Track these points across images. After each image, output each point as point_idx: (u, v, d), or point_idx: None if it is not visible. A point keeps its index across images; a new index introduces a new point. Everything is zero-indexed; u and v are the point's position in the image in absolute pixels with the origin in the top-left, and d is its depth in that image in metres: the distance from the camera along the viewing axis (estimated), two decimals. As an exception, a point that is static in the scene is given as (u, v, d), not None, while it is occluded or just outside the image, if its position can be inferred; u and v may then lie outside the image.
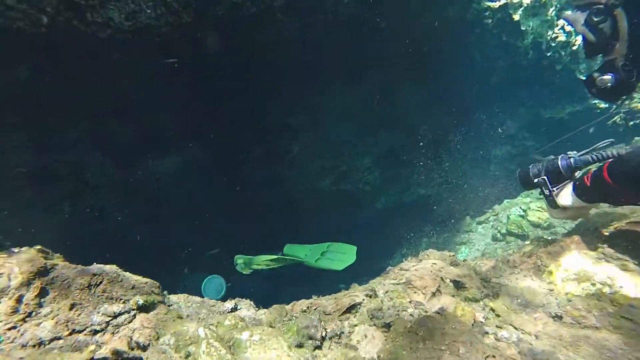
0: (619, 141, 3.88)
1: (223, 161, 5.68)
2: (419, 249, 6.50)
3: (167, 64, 3.88)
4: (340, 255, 5.41)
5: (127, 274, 1.34)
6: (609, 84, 1.42)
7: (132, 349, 1.09)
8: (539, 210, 5.15)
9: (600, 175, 1.22)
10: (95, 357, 0.92)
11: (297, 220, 6.47)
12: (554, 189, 1.45)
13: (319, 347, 1.19)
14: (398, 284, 1.39)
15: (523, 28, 5.20)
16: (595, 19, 1.37)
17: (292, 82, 5.24)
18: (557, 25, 5.15)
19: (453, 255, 1.57)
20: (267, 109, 5.41)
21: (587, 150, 1.44)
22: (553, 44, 5.21)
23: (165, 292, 1.47)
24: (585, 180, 1.32)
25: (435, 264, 1.41)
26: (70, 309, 1.11)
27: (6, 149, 4.11)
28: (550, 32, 5.13)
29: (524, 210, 5.28)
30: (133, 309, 1.20)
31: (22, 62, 3.63)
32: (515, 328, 1.21)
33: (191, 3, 2.60)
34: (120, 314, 1.16)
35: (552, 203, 1.47)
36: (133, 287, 1.26)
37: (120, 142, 4.69)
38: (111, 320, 1.14)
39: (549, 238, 4.09)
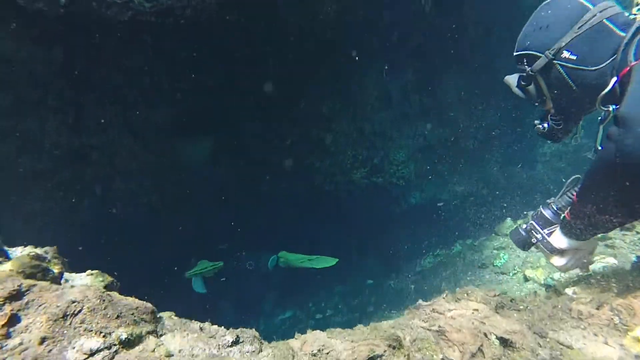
0: None
1: (253, 148, 5.56)
2: (453, 249, 6.14)
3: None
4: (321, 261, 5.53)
5: (117, 297, 1.19)
6: (544, 131, 1.70)
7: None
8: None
9: (574, 205, 1.31)
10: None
11: (325, 213, 6.28)
12: (546, 231, 1.53)
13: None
14: (429, 330, 1.14)
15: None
16: (523, 83, 1.65)
17: (327, 67, 4.97)
18: (636, 4, 4.47)
19: (499, 295, 1.30)
20: (300, 95, 5.19)
21: (561, 192, 1.57)
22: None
23: (160, 315, 1.31)
24: (567, 216, 1.40)
25: (476, 310, 1.15)
26: (41, 343, 0.96)
27: (44, 131, 4.18)
28: (626, 14, 4.47)
29: (576, 218, 4.76)
30: (114, 344, 1.04)
31: (56, 44, 3.62)
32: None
33: (216, -17, 2.40)
34: (98, 350, 1.00)
35: (547, 246, 1.52)
36: (118, 317, 1.10)
37: (150, 127, 4.66)
38: (87, 358, 0.98)
39: (609, 260, 3.63)
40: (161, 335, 1.19)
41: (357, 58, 4.74)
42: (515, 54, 1.67)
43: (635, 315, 1.07)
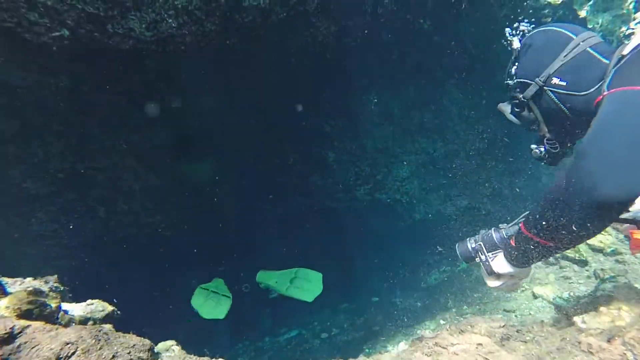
0: None
1: (255, 168, 5.57)
2: (459, 265, 6.05)
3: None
4: (308, 284, 5.53)
5: (113, 336, 1.16)
6: (541, 155, 1.74)
7: None
8: (602, 232, 4.56)
9: (520, 232, 1.35)
10: None
11: (329, 231, 6.25)
12: (490, 254, 1.57)
13: None
14: (433, 366, 1.11)
15: (590, 26, 4.61)
16: (517, 109, 1.73)
17: (329, 86, 5.01)
18: (634, 19, 4.51)
19: (504, 326, 1.25)
20: (302, 114, 5.22)
21: (515, 221, 1.59)
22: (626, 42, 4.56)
23: (158, 352, 1.29)
24: (512, 242, 1.45)
25: (480, 344, 1.11)
26: (33, 389, 0.94)
27: (48, 155, 4.23)
28: (623, 28, 4.51)
29: (583, 232, 4.68)
30: (109, 387, 1.01)
31: (61, 72, 3.69)
32: None
33: (215, 11, 2.43)
34: (92, 394, 0.98)
35: (488, 268, 1.56)
36: (114, 357, 1.08)
37: (153, 149, 4.69)
38: (80, 404, 0.95)
39: (619, 279, 3.55)
40: (158, 375, 1.16)
41: (357, 77, 4.79)
42: (506, 82, 1.75)
43: (649, 350, 1.03)
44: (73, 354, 1.02)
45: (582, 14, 4.55)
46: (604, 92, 1.21)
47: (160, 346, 2.07)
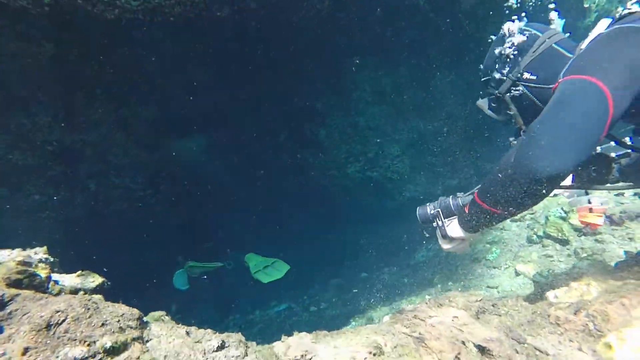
0: None
1: (247, 144, 5.55)
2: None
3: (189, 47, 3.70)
4: (273, 272, 5.63)
5: (102, 304, 1.20)
6: None
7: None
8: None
9: (474, 200, 1.49)
10: None
11: (320, 208, 6.31)
12: (446, 220, 1.72)
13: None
14: (410, 336, 1.16)
15: (586, 5, 4.57)
16: (494, 104, 1.82)
17: (321, 63, 4.94)
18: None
19: (481, 300, 1.32)
20: (294, 91, 5.16)
21: (471, 191, 1.70)
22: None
23: (147, 320, 1.33)
24: (466, 210, 1.60)
25: (457, 317, 1.17)
26: (24, 353, 0.97)
27: (36, 127, 4.15)
28: (620, 9, 4.46)
29: (566, 212, 4.81)
30: (99, 353, 1.05)
31: (46, 40, 3.58)
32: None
33: (204, -19, 2.37)
34: (82, 359, 1.02)
35: (443, 232, 1.71)
36: (103, 324, 1.11)
37: (143, 123, 4.63)
38: (71, 368, 0.99)
39: (596, 257, 3.67)
40: (147, 342, 1.21)
41: (349, 54, 4.73)
42: (482, 79, 1.84)
43: (609, 321, 1.10)
44: (63, 321, 1.05)
45: (579, -7, 4.50)
46: (559, 79, 1.34)
47: (150, 316, 2.12)
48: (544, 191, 1.26)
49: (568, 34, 1.70)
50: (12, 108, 3.88)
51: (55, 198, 4.61)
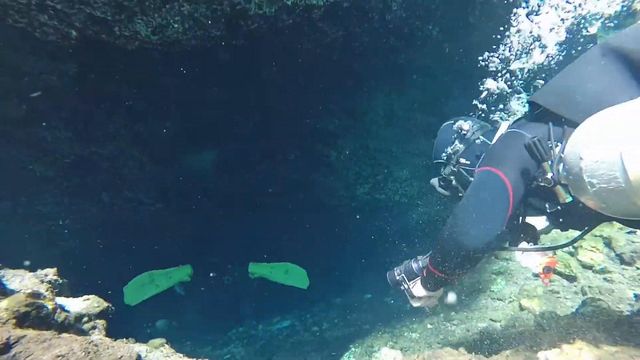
0: None
1: (257, 162, 5.64)
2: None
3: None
4: (298, 278, 5.91)
5: (102, 347, 1.26)
6: None
7: None
8: (592, 250, 4.61)
9: (427, 267, 1.81)
10: None
11: (328, 227, 6.35)
12: (411, 283, 1.98)
13: None
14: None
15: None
16: (442, 184, 2.21)
17: (334, 87, 5.02)
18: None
19: (473, 358, 1.33)
20: (307, 112, 5.25)
21: (428, 254, 1.92)
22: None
23: (145, 358, 1.39)
24: (424, 273, 1.87)
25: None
26: (25, 398, 1.04)
27: (57, 140, 4.33)
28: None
29: (575, 248, 4.75)
30: (95, 398, 1.11)
31: (70, 60, 3.75)
32: None
33: (220, 18, 2.47)
34: (78, 405, 1.08)
35: (410, 293, 1.99)
36: (100, 369, 1.17)
37: (157, 138, 4.77)
38: (67, 413, 1.05)
39: (601, 303, 3.61)
40: (141, 385, 1.26)
41: (363, 78, 4.80)
42: (434, 162, 2.22)
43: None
44: (63, 365, 1.11)
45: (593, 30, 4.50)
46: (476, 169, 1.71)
47: (151, 343, 2.18)
48: (476, 256, 1.54)
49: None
50: (34, 122, 4.06)
51: (70, 207, 4.78)
